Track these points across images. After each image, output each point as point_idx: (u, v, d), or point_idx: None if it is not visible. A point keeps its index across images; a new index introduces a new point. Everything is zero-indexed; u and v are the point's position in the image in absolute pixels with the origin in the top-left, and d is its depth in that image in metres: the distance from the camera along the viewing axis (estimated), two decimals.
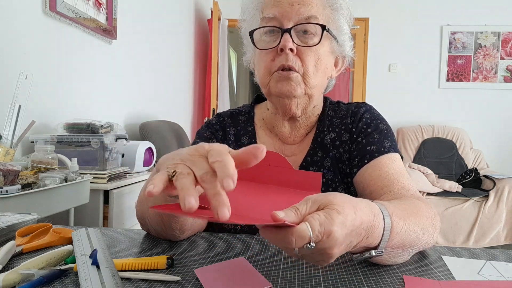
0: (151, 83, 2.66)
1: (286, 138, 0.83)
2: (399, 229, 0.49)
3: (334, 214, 0.40)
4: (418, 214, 0.56)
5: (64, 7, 1.63)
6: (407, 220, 0.52)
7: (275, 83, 0.74)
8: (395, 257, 0.53)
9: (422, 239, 0.54)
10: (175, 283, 0.46)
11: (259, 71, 0.77)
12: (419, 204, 0.60)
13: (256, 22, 0.76)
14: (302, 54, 0.72)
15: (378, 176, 0.70)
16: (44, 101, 1.57)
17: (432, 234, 0.57)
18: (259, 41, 0.76)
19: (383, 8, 3.79)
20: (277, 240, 0.39)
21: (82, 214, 1.41)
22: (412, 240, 0.52)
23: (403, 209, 0.54)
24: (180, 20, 3.21)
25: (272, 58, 0.73)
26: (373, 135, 0.76)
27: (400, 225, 0.50)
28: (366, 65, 3.86)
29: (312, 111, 0.82)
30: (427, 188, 3.00)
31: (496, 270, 0.52)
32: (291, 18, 0.71)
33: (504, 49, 3.68)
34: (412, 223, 0.53)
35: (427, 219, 0.57)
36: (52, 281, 0.46)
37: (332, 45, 0.76)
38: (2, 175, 0.96)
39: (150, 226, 0.64)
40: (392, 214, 0.49)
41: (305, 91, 0.74)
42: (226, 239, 0.65)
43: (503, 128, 3.70)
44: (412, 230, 0.52)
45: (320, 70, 0.75)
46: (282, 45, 0.70)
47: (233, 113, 0.88)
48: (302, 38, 0.73)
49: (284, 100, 0.76)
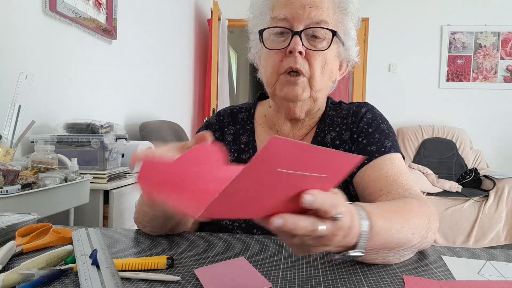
0: (151, 83, 2.66)
1: (286, 137, 0.83)
2: (378, 228, 0.48)
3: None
4: (406, 214, 0.56)
5: (64, 7, 1.63)
6: (390, 220, 0.51)
7: (281, 86, 0.74)
8: (383, 258, 0.52)
9: (412, 240, 0.54)
10: (175, 283, 0.46)
11: (266, 70, 0.77)
12: (412, 203, 0.60)
13: (265, 20, 0.76)
14: (311, 57, 0.72)
15: (377, 177, 0.70)
16: (44, 101, 1.57)
17: (426, 234, 0.56)
18: (267, 40, 0.75)
19: (383, 8, 3.79)
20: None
21: (82, 214, 1.41)
22: (398, 240, 0.52)
23: (387, 209, 0.54)
24: (180, 20, 3.21)
25: (280, 58, 0.73)
26: (374, 135, 0.76)
27: (380, 225, 0.49)
28: (366, 65, 3.85)
29: (315, 113, 0.82)
30: (427, 188, 3.00)
31: (496, 270, 0.52)
32: (302, 21, 0.71)
33: (504, 49, 3.68)
34: (397, 223, 0.52)
35: (419, 218, 0.57)
36: (52, 281, 0.46)
37: (339, 49, 0.77)
38: (2, 175, 0.96)
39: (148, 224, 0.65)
40: (371, 215, 0.48)
41: (310, 94, 0.74)
42: (226, 239, 0.65)
43: (503, 128, 3.70)
44: (396, 230, 0.51)
45: (326, 74, 0.75)
46: (292, 48, 0.70)
47: (233, 110, 0.89)
48: (312, 41, 0.72)
49: (289, 103, 0.76)
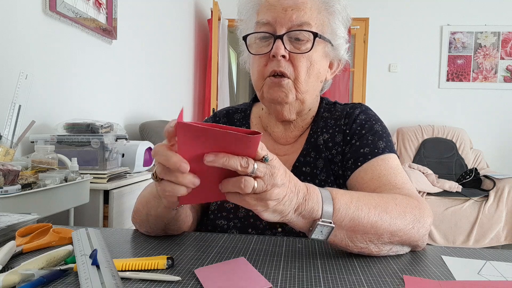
0: (151, 83, 2.66)
1: (279, 138, 0.83)
2: (342, 202, 0.54)
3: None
4: (381, 200, 0.58)
5: (64, 7, 1.64)
6: (358, 200, 0.56)
7: (268, 89, 0.75)
8: (356, 241, 0.55)
9: (388, 227, 0.55)
10: (175, 283, 0.46)
11: (253, 74, 0.78)
12: (395, 196, 0.61)
13: (252, 25, 0.77)
14: (295, 60, 0.73)
15: (370, 179, 0.70)
16: (44, 101, 1.57)
17: (411, 225, 0.57)
18: (253, 45, 0.77)
19: (383, 8, 3.79)
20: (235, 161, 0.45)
21: (82, 214, 1.41)
22: (368, 222, 0.55)
23: (356, 193, 0.58)
24: (180, 20, 3.21)
25: (265, 63, 0.74)
26: (367, 136, 0.76)
27: (345, 201, 0.54)
28: (366, 65, 3.86)
29: (307, 114, 0.82)
30: (427, 188, 3.00)
31: (496, 270, 0.52)
32: (284, 24, 0.72)
33: (504, 49, 3.68)
34: (365, 205, 0.56)
35: (401, 208, 0.58)
36: (52, 281, 0.46)
37: (326, 49, 0.76)
38: (2, 175, 0.96)
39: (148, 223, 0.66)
40: (332, 190, 0.56)
41: (296, 96, 0.75)
42: (226, 239, 0.65)
43: (503, 128, 3.70)
44: (364, 212, 0.55)
45: (312, 75, 0.75)
46: (274, 52, 0.71)
47: (229, 111, 0.89)
48: (295, 44, 0.73)
49: (277, 106, 0.77)
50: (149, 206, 0.63)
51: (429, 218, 0.60)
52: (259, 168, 0.46)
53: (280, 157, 0.56)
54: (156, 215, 0.63)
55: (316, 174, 0.77)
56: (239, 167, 0.45)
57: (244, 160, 0.45)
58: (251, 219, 0.74)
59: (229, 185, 0.47)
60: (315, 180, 0.76)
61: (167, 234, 0.68)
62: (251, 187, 0.45)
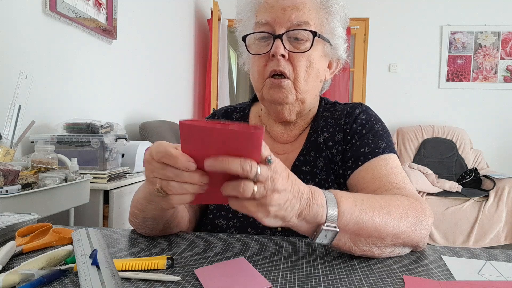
0: (151, 83, 2.66)
1: (279, 138, 0.83)
2: (347, 206, 0.53)
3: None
4: (384, 203, 0.57)
5: (64, 7, 1.63)
6: (362, 203, 0.55)
7: (268, 90, 0.75)
8: (359, 245, 0.55)
9: (392, 230, 0.55)
10: (175, 283, 0.46)
11: (253, 75, 0.78)
12: (397, 197, 0.61)
13: (251, 25, 0.77)
14: (294, 60, 0.73)
15: (370, 179, 0.70)
16: (44, 101, 1.57)
17: (414, 227, 0.57)
18: (252, 46, 0.77)
19: (383, 8, 3.79)
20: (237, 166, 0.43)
21: (82, 214, 1.41)
22: (372, 225, 0.54)
23: (360, 196, 0.57)
24: (180, 20, 3.21)
25: (265, 63, 0.74)
26: (368, 136, 0.76)
27: (349, 205, 0.53)
28: (366, 65, 3.85)
29: (307, 114, 0.83)
30: (427, 188, 3.00)
31: (496, 270, 0.52)
32: (283, 24, 0.72)
33: (504, 49, 3.68)
34: (370, 208, 0.55)
35: (403, 209, 0.58)
36: (52, 281, 0.46)
37: (325, 48, 0.77)
38: (2, 175, 0.96)
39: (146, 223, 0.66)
40: (337, 193, 0.54)
41: (296, 96, 0.75)
42: (226, 239, 0.65)
43: (503, 128, 3.70)
44: (368, 215, 0.54)
45: (311, 75, 0.75)
46: (273, 52, 0.71)
47: (227, 110, 0.89)
48: (294, 43, 0.73)
49: (277, 106, 0.77)
50: (146, 210, 0.63)
51: (430, 219, 0.60)
52: (262, 172, 0.44)
53: (279, 156, 0.55)
54: (153, 217, 0.63)
55: (316, 173, 0.77)
56: (241, 170, 0.43)
57: (247, 163, 0.43)
58: (251, 218, 0.74)
59: (228, 188, 0.45)
60: (315, 179, 0.76)
61: (166, 234, 0.68)
62: (250, 192, 0.44)
